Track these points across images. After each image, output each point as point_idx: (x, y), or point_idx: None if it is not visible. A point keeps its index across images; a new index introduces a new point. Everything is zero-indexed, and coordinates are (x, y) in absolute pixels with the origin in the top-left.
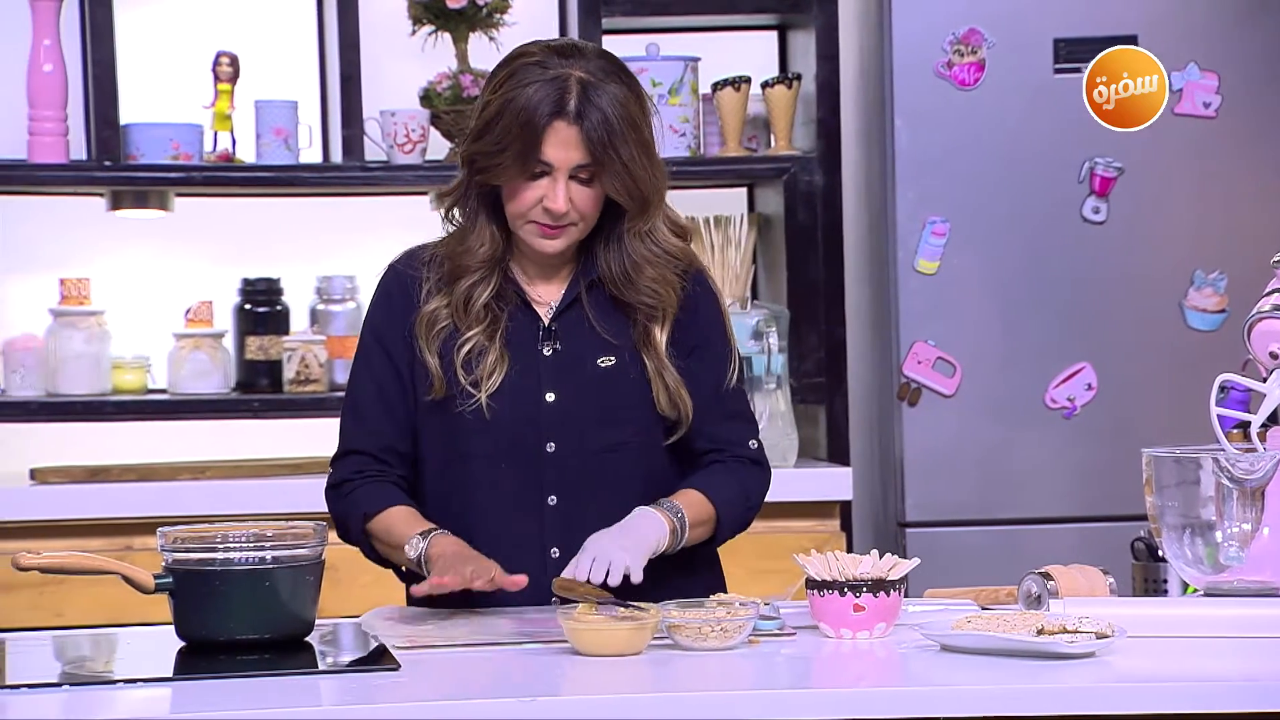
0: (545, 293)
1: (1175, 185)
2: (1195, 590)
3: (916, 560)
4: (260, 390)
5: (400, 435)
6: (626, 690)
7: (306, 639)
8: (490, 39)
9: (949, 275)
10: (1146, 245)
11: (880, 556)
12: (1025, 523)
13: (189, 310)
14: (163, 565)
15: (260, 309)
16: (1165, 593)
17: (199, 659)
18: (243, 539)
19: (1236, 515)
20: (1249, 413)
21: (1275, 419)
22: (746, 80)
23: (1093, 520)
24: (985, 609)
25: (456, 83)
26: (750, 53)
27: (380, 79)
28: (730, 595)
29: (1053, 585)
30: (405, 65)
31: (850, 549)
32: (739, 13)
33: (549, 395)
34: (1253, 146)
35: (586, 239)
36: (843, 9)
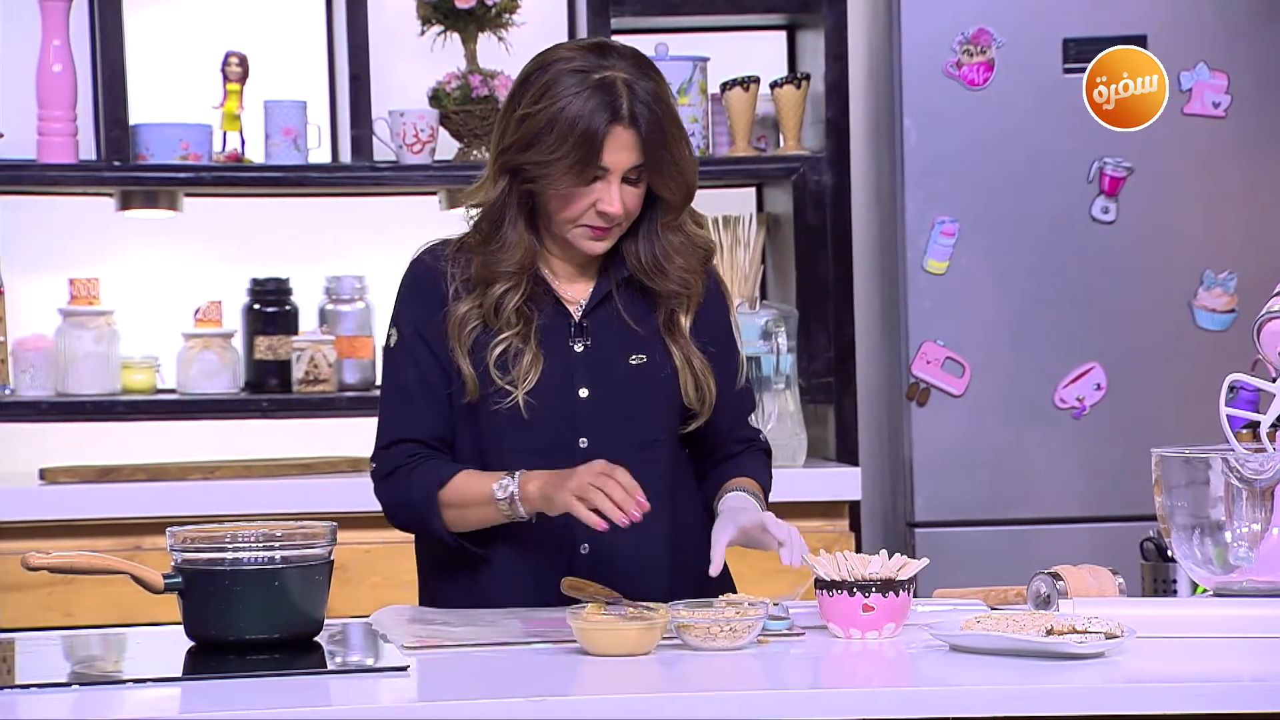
0: (575, 291)
1: (1184, 185)
2: (1205, 590)
3: (925, 560)
4: (269, 390)
5: (446, 425)
6: (635, 690)
7: (316, 639)
8: (499, 39)
9: (958, 275)
10: (1155, 245)
11: (889, 556)
12: (1034, 523)
13: (198, 310)
14: (172, 565)
15: (269, 309)
16: (1175, 593)
17: (208, 659)
18: (252, 539)
19: (1246, 515)
20: (1258, 413)
21: None
22: (755, 80)
23: (1102, 520)
24: (994, 609)
25: (465, 83)
26: (759, 53)
27: (389, 79)
28: (739, 595)
29: (1062, 585)
30: (414, 65)
31: (859, 549)
32: (748, 13)
33: (582, 391)
34: (1262, 146)
35: None
36: (852, 9)
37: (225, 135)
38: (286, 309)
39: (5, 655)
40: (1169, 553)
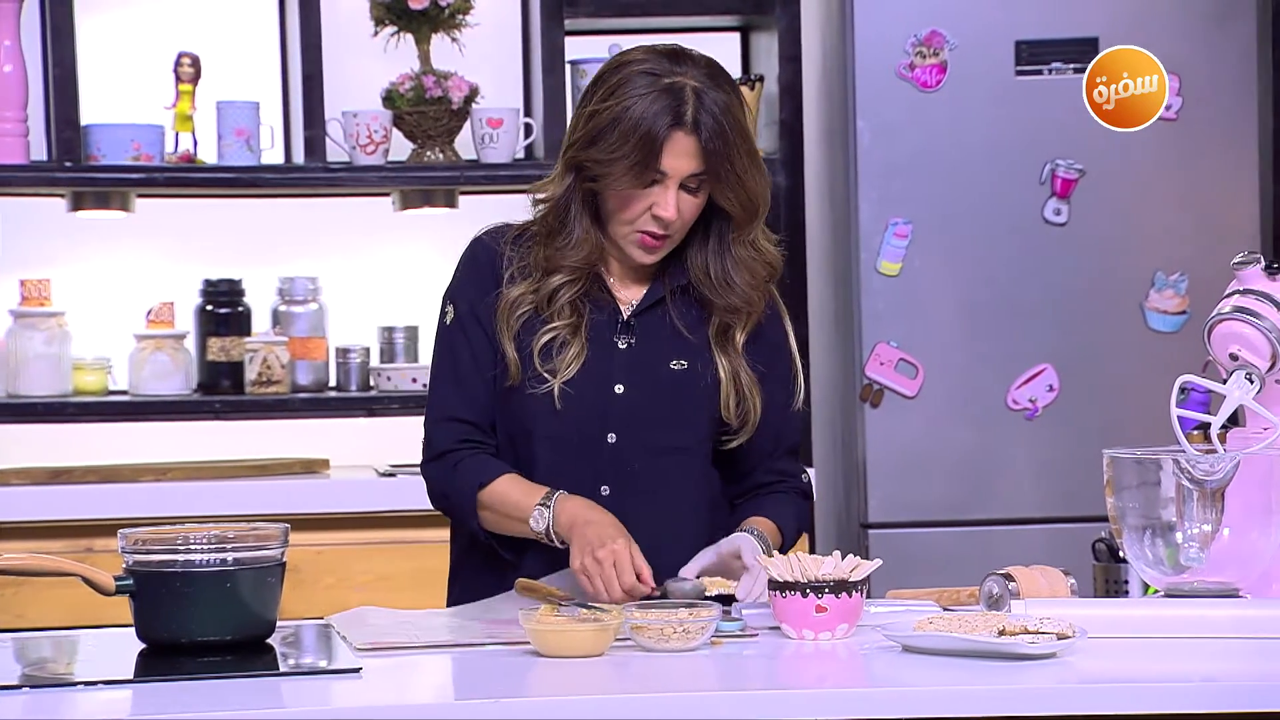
0: (629, 293)
1: (1136, 187)
2: (1156, 591)
3: (878, 561)
4: (222, 391)
5: (492, 405)
6: (589, 691)
7: (268, 641)
8: (453, 40)
9: (911, 277)
10: (1108, 247)
11: (842, 557)
12: (987, 524)
13: (150, 311)
14: (124, 567)
15: (222, 310)
16: (1126, 593)
17: (160, 661)
18: (204, 540)
19: (1197, 516)
20: (1209, 414)
21: (1235, 420)
22: None
23: (1055, 521)
24: (947, 610)
25: (419, 84)
26: (713, 54)
27: (342, 80)
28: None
29: (1014, 586)
30: (367, 66)
31: (813, 550)
32: (702, 14)
33: (618, 387)
34: (1213, 149)
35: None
36: (805, 11)
37: (177, 136)
38: (239, 310)
39: None
40: (1120, 553)
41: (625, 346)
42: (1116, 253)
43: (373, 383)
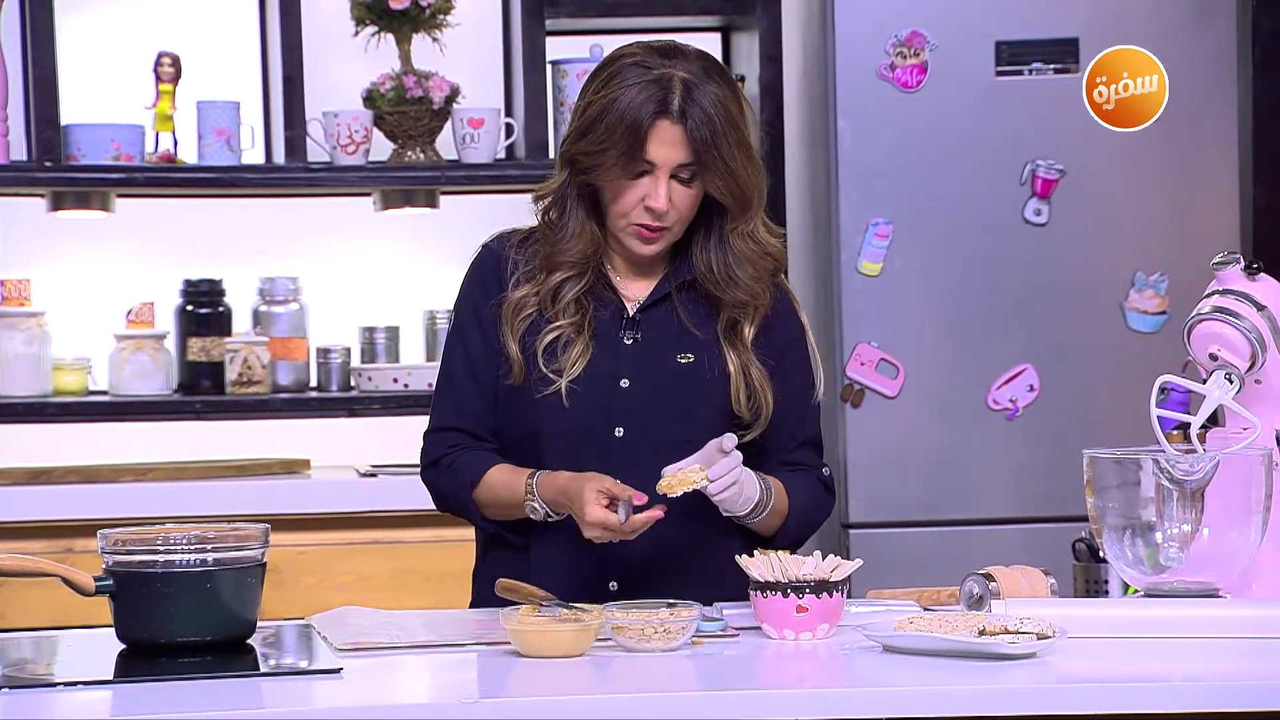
0: (635, 289)
1: (1117, 187)
2: (1136, 591)
3: (859, 561)
4: (202, 392)
5: (490, 411)
6: (570, 692)
7: (248, 641)
8: (434, 40)
9: (892, 277)
10: (1088, 247)
11: (823, 558)
12: (968, 524)
13: (130, 311)
14: (103, 567)
15: (202, 310)
16: (1106, 593)
17: (140, 661)
18: (184, 541)
19: (1176, 516)
20: (1189, 414)
21: (1215, 420)
22: None
23: (1035, 521)
24: (927, 610)
25: (400, 84)
26: None
27: (323, 80)
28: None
29: (994, 586)
30: (348, 66)
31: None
32: (682, 14)
33: (623, 381)
34: (1194, 149)
35: (680, 239)
36: (786, 11)
37: (158, 136)
38: (220, 310)
39: None
40: (1100, 553)
41: (631, 342)
42: (1097, 253)
43: (354, 383)
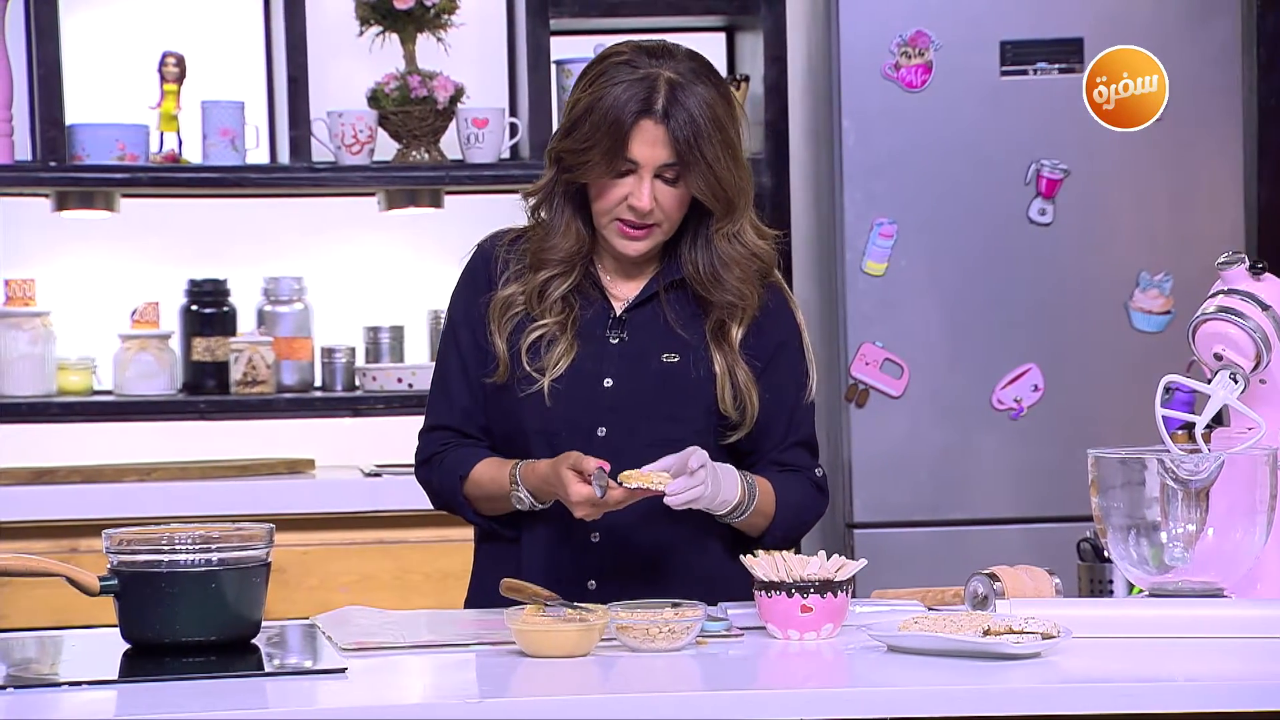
0: (624, 289)
1: (1121, 187)
2: (1140, 591)
3: (864, 561)
4: (207, 391)
5: (477, 406)
6: (574, 691)
7: (253, 641)
8: (438, 40)
9: (896, 276)
10: (1092, 247)
11: (828, 557)
12: (973, 523)
13: (135, 311)
14: (108, 567)
15: (207, 310)
16: (1111, 593)
17: (144, 661)
18: (189, 541)
19: (1181, 516)
20: (1194, 414)
21: (1220, 420)
22: None
23: (1040, 521)
24: (932, 610)
25: (404, 83)
26: None
27: (327, 80)
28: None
29: (999, 586)
30: (353, 66)
31: (798, 550)
32: (686, 14)
33: (607, 380)
34: (1198, 149)
35: (671, 240)
36: (790, 11)
37: (162, 136)
38: (224, 310)
39: None
40: (1105, 553)
41: (617, 342)
42: (1101, 253)
43: (358, 383)
